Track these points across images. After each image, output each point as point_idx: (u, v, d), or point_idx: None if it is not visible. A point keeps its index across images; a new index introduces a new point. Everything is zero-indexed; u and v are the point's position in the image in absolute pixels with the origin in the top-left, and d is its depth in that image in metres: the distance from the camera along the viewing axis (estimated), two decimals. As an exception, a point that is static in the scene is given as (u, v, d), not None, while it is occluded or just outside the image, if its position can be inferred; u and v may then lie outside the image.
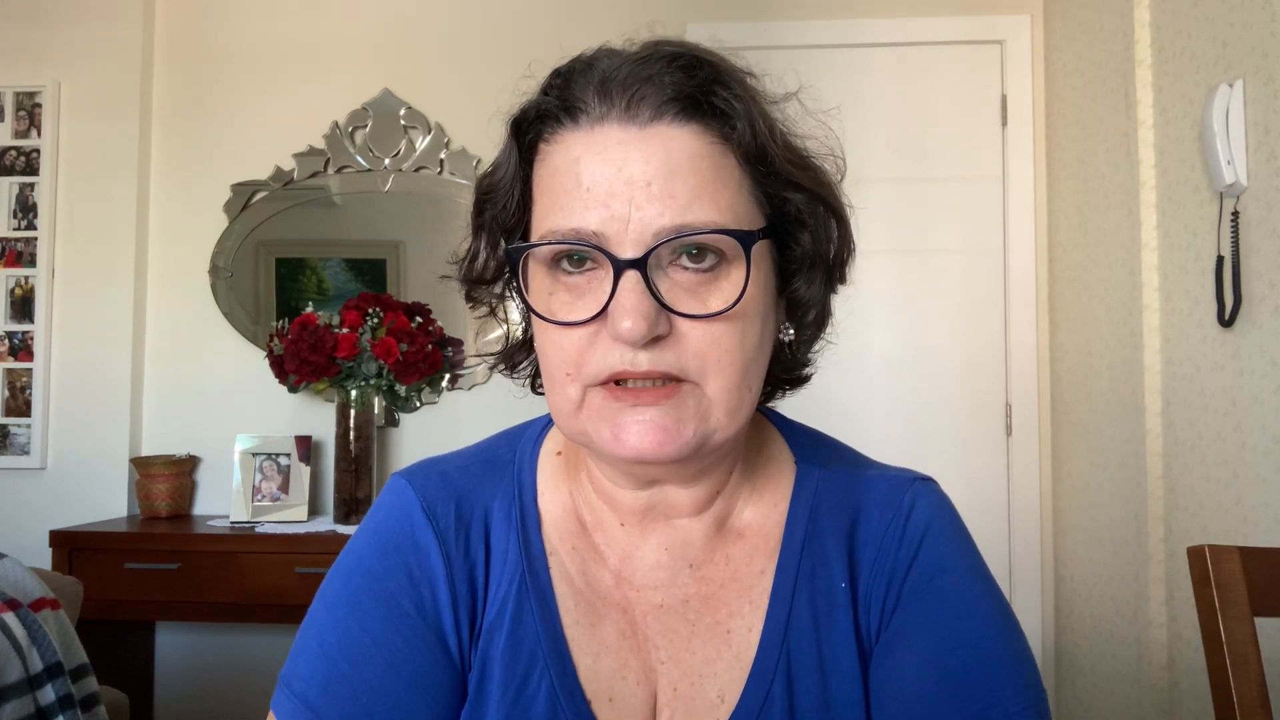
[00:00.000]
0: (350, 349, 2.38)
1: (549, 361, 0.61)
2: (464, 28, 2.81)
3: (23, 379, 2.74)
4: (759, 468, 0.71)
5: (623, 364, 0.57)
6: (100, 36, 2.78)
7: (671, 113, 0.58)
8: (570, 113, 0.59)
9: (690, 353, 0.57)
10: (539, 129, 0.62)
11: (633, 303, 0.55)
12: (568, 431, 0.62)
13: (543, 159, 0.62)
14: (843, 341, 0.72)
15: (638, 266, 0.56)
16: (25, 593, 1.44)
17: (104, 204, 2.76)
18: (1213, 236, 1.80)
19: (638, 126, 0.58)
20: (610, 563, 0.67)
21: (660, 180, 0.57)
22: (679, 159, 0.57)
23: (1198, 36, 1.86)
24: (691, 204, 0.57)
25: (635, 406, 0.57)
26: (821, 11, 2.75)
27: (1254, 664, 0.96)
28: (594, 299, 0.58)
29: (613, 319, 0.56)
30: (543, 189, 0.61)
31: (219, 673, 2.71)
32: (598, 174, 0.57)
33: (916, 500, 0.68)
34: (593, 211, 0.57)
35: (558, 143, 0.60)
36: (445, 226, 2.78)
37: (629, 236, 0.56)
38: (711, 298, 0.58)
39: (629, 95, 0.58)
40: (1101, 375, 2.29)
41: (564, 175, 0.59)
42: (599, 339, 0.58)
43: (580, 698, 0.63)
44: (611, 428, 0.58)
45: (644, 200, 0.56)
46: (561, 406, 0.61)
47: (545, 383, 0.63)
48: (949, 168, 2.71)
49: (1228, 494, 1.77)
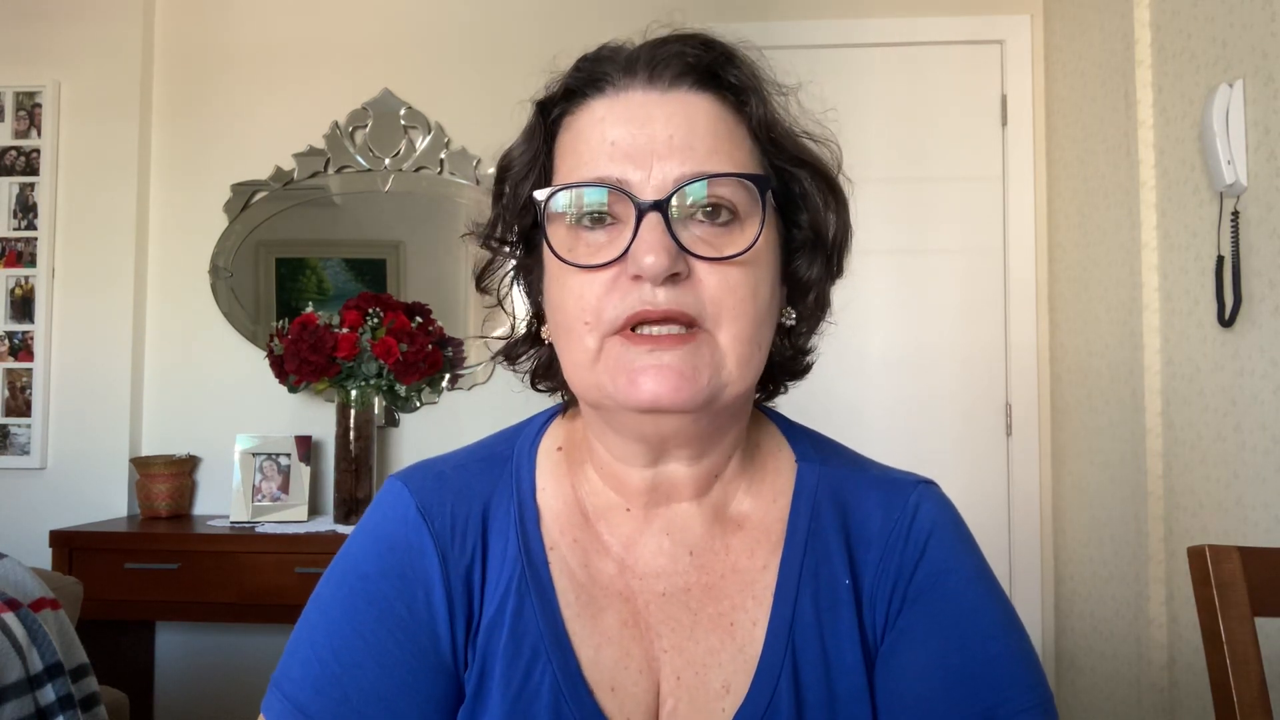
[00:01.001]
0: (350, 349, 2.38)
1: (567, 314, 0.62)
2: (464, 28, 2.81)
3: (23, 379, 2.74)
4: (757, 460, 0.72)
5: (642, 304, 0.59)
6: (100, 36, 2.78)
7: (690, 80, 0.62)
8: (596, 84, 0.63)
9: (707, 297, 0.60)
10: (564, 107, 0.65)
11: (655, 239, 0.58)
12: (582, 386, 0.63)
13: (566, 128, 0.65)
14: (843, 341, 0.73)
15: (659, 209, 0.58)
16: (25, 593, 1.44)
17: (104, 204, 2.76)
18: (1213, 236, 1.80)
19: (659, 91, 0.62)
20: (614, 552, 0.68)
21: (681, 135, 0.60)
22: (697, 118, 0.61)
23: (1198, 36, 1.86)
24: (709, 157, 0.60)
25: (653, 351, 0.59)
26: (822, 11, 2.75)
27: (1254, 664, 0.96)
28: (614, 249, 0.60)
29: (634, 256, 0.58)
30: (566, 152, 0.64)
31: (219, 673, 2.71)
32: (621, 130, 0.61)
33: (921, 503, 0.70)
34: (616, 163, 0.60)
35: (583, 111, 0.64)
36: (445, 226, 2.79)
37: (651, 183, 0.59)
38: (727, 247, 0.61)
39: (651, 66, 0.62)
40: (1101, 375, 2.29)
41: (588, 134, 0.62)
42: (618, 284, 0.60)
43: (583, 688, 0.64)
44: (628, 374, 0.59)
45: (665, 152, 0.60)
46: (578, 359, 0.62)
47: (561, 341, 0.64)
48: (949, 168, 2.71)
49: (1228, 494, 1.77)
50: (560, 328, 0.63)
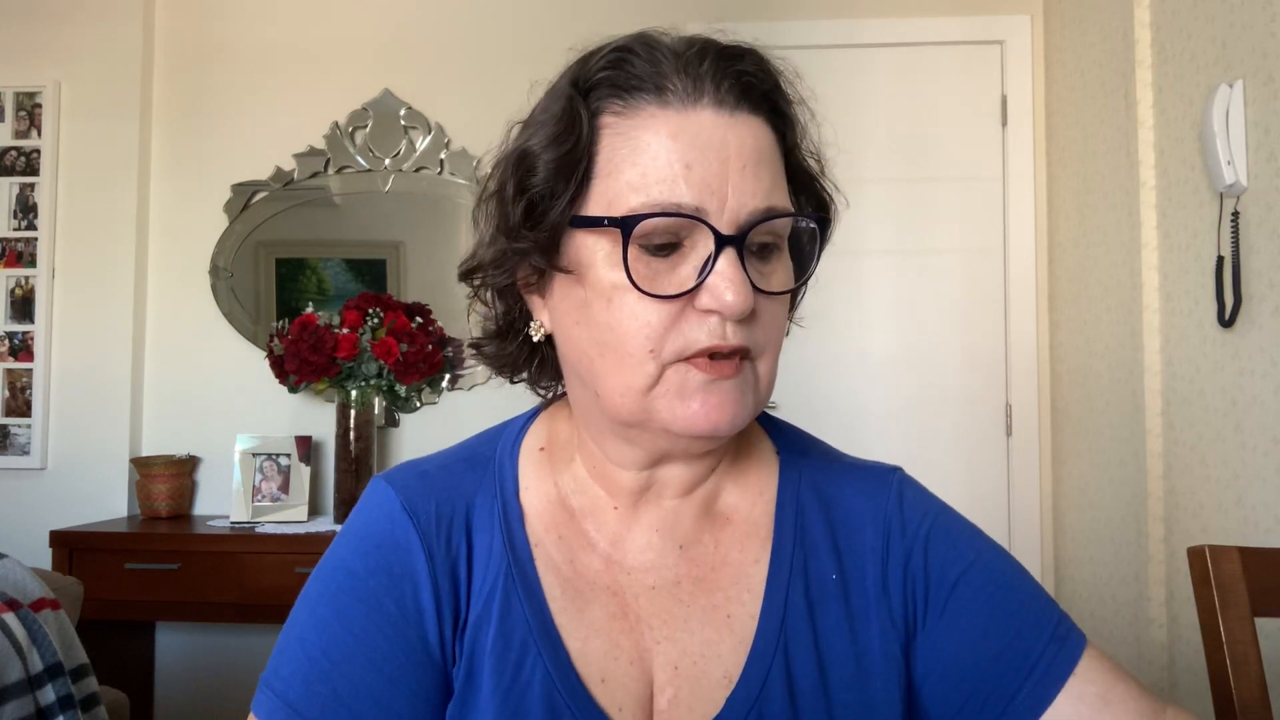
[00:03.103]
0: (350, 349, 2.38)
1: (626, 338, 0.60)
2: (464, 28, 2.81)
3: (23, 379, 2.74)
4: (742, 454, 0.73)
5: (713, 339, 0.59)
6: (100, 36, 2.78)
7: (750, 103, 0.62)
8: (658, 92, 0.61)
9: (760, 332, 0.62)
10: (607, 100, 0.62)
11: (736, 275, 0.58)
12: (628, 411, 0.62)
13: (613, 129, 0.61)
14: (843, 341, 0.74)
15: (735, 244, 0.58)
16: (25, 593, 1.44)
17: (104, 204, 2.76)
18: (1213, 237, 1.80)
19: (728, 113, 0.61)
20: (600, 547, 0.69)
21: (751, 165, 0.60)
22: (762, 148, 0.62)
23: (1198, 36, 1.86)
24: (772, 190, 0.61)
25: (715, 382, 0.60)
26: (821, 11, 2.75)
27: (1254, 664, 0.96)
28: (678, 279, 0.59)
29: (714, 291, 0.58)
30: (620, 160, 0.60)
31: (219, 673, 2.71)
32: (697, 155, 0.59)
33: (903, 489, 0.73)
34: (693, 189, 0.59)
35: (643, 117, 0.61)
36: (445, 227, 2.79)
37: (726, 215, 0.59)
38: (771, 278, 0.62)
39: (718, 84, 0.61)
40: (1101, 375, 2.29)
41: (653, 150, 0.59)
42: (685, 315, 0.60)
43: (575, 679, 0.64)
44: (686, 402, 0.60)
45: (739, 181, 0.59)
46: (631, 383, 0.61)
47: (607, 361, 0.61)
48: (949, 168, 2.71)
49: (1228, 494, 1.77)
50: (608, 348, 0.61)
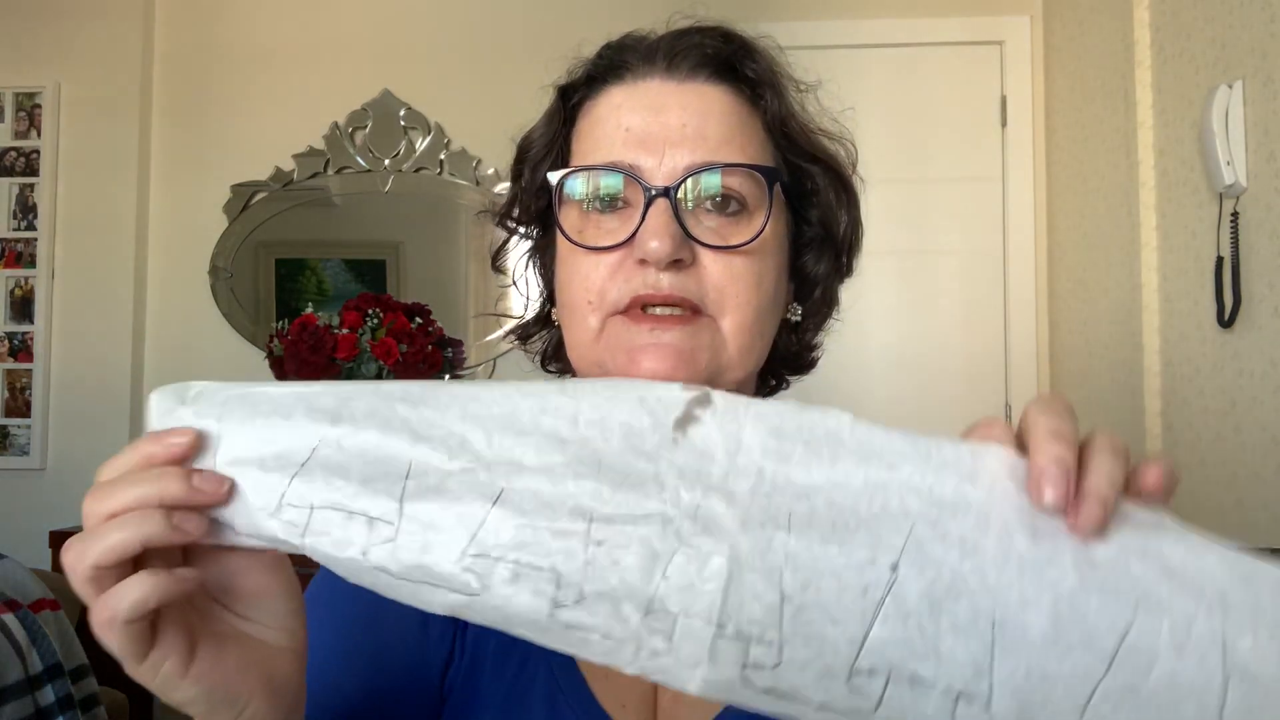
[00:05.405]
0: (350, 350, 2.38)
1: (573, 294, 0.63)
2: (464, 28, 2.81)
3: (23, 379, 2.74)
4: None
5: (645, 287, 0.59)
6: (100, 36, 2.78)
7: (707, 72, 0.63)
8: (616, 71, 0.65)
9: (710, 284, 0.60)
10: (585, 92, 0.66)
11: (660, 224, 0.58)
12: (584, 365, 0.64)
13: (585, 114, 0.66)
14: (842, 341, 0.73)
15: (667, 195, 0.59)
16: (25, 593, 1.44)
17: (104, 204, 2.76)
18: (1212, 237, 1.80)
19: (676, 81, 0.63)
20: None
21: (694, 124, 0.61)
22: (711, 109, 0.62)
23: (1197, 37, 1.86)
24: (720, 147, 0.61)
25: (653, 330, 0.60)
26: (821, 12, 2.75)
27: (1254, 664, 0.95)
28: (623, 233, 0.61)
29: (640, 240, 0.59)
30: (583, 136, 0.65)
31: (219, 673, 2.71)
32: (637, 118, 0.62)
33: None
34: (630, 149, 0.61)
35: (602, 97, 0.65)
36: (445, 227, 2.79)
37: (662, 170, 0.60)
38: (733, 237, 0.61)
39: (670, 56, 0.64)
40: (1101, 376, 2.29)
41: (605, 120, 0.63)
42: (623, 267, 0.60)
43: (577, 675, 0.65)
44: (628, 352, 0.60)
45: (678, 140, 0.61)
46: (581, 338, 0.63)
47: (567, 320, 0.65)
48: (949, 168, 2.71)
49: (1228, 494, 1.77)
50: (566, 307, 0.64)
